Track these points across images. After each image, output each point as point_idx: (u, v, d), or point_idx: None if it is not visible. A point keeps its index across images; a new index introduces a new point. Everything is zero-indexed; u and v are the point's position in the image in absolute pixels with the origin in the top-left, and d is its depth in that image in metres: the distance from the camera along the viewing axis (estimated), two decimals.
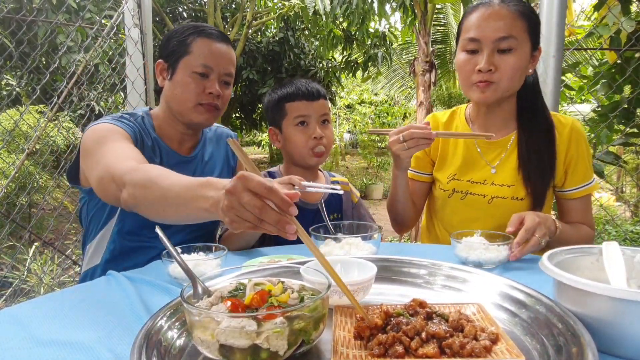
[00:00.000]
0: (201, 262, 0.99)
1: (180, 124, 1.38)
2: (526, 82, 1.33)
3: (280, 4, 6.52)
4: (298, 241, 1.49)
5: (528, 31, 1.25)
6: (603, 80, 2.42)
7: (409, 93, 12.18)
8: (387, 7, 5.13)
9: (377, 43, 7.44)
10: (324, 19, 5.45)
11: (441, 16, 9.09)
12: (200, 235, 1.41)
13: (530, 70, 1.32)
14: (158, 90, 1.41)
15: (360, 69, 7.98)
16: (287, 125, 1.47)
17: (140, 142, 1.31)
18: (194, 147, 1.48)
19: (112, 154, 1.12)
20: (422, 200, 1.57)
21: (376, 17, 5.47)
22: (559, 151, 1.34)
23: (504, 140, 1.39)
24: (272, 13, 6.69)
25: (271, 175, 1.55)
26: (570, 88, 2.63)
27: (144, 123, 1.36)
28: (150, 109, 1.45)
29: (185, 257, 1.00)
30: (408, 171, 1.50)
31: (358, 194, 1.63)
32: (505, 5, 1.25)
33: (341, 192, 1.23)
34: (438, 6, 7.90)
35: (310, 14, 5.43)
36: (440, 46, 9.62)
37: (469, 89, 1.31)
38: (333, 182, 1.60)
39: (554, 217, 1.20)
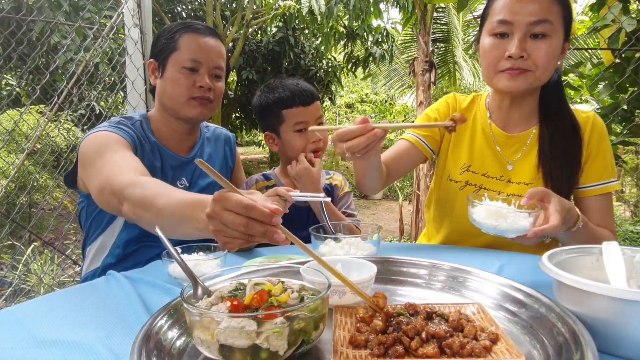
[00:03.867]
0: (201, 262, 0.99)
1: (176, 122, 1.39)
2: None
3: (276, 5, 6.51)
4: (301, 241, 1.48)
5: (563, 17, 1.15)
6: (603, 82, 2.42)
7: (407, 92, 12.17)
8: (382, 6, 5.14)
9: (380, 39, 7.41)
10: (319, 19, 5.44)
11: (443, 15, 9.06)
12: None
13: (559, 63, 1.21)
14: (152, 90, 1.42)
15: (361, 66, 7.97)
16: (286, 131, 1.47)
17: (140, 147, 1.31)
18: (192, 147, 1.48)
19: (112, 165, 1.12)
20: (407, 168, 1.44)
21: (380, 13, 5.44)
22: None
23: (523, 135, 1.30)
24: (268, 13, 6.69)
25: (266, 177, 1.56)
26: (574, 88, 2.62)
27: (142, 127, 1.36)
28: (147, 111, 1.45)
29: (185, 257, 1.00)
30: (411, 135, 1.39)
31: (347, 189, 1.62)
32: None
33: (328, 199, 1.22)
34: (442, 5, 7.89)
35: (304, 13, 5.42)
36: (441, 45, 9.60)
37: (495, 77, 1.20)
38: (328, 178, 1.61)
39: (577, 209, 1.09)
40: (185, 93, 1.32)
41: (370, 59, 7.59)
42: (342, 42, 7.52)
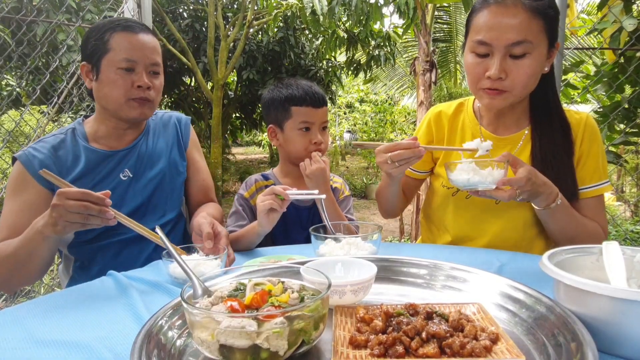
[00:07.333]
0: (201, 262, 0.99)
1: (116, 120, 1.37)
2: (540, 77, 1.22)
3: (277, 4, 6.50)
4: (298, 241, 1.49)
5: (545, 30, 1.13)
6: (604, 79, 2.41)
7: (408, 92, 12.16)
8: (385, 9, 5.12)
9: (381, 43, 7.41)
10: (321, 19, 5.42)
11: (444, 14, 9.03)
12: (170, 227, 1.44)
13: (546, 69, 1.21)
14: (90, 93, 1.38)
15: (363, 69, 7.96)
16: (291, 127, 1.48)
17: (57, 163, 1.31)
18: (134, 139, 1.44)
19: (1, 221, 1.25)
20: (413, 193, 1.55)
21: (381, 17, 5.39)
22: None
23: (514, 137, 1.31)
24: (270, 12, 6.67)
25: (265, 177, 1.58)
26: (574, 87, 2.62)
27: (73, 135, 1.37)
28: (87, 116, 1.44)
29: (185, 257, 1.00)
30: None
31: (347, 192, 1.63)
32: (519, 3, 1.11)
33: (322, 196, 1.22)
34: (445, 4, 7.86)
35: (307, 14, 5.40)
36: (443, 45, 9.58)
37: (477, 93, 1.22)
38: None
39: (557, 190, 1.12)
40: (123, 94, 1.29)
41: (373, 62, 7.58)
42: (343, 47, 7.50)
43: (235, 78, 10.11)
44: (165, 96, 9.72)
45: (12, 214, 1.24)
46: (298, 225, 1.50)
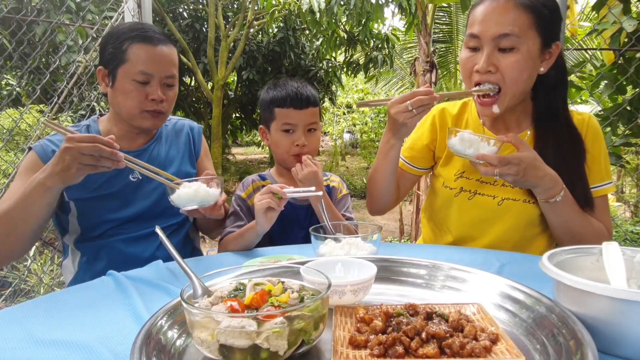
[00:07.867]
0: (203, 187, 1.14)
1: (129, 125, 1.39)
2: (544, 79, 1.23)
3: (275, 1, 6.49)
4: (296, 240, 1.49)
5: (535, 27, 1.14)
6: (605, 82, 2.41)
7: (407, 92, 12.12)
8: (387, 10, 5.12)
9: (380, 45, 7.43)
10: (318, 16, 5.39)
11: (443, 15, 9.01)
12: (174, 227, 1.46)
13: (542, 69, 1.20)
14: (105, 94, 1.40)
15: (362, 70, 7.98)
16: (275, 128, 1.49)
17: None
18: (146, 142, 1.47)
19: (5, 195, 1.26)
20: (407, 190, 1.54)
21: (382, 16, 5.37)
22: None
23: None
24: (268, 9, 6.67)
25: (262, 177, 1.58)
26: (577, 87, 2.61)
27: (87, 132, 1.38)
28: (101, 114, 1.47)
29: (186, 183, 1.16)
30: (401, 160, 1.46)
31: (345, 191, 1.63)
32: None
33: (319, 193, 1.23)
34: (444, 5, 7.85)
35: (304, 10, 5.38)
36: (442, 45, 9.57)
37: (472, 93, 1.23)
38: (325, 180, 1.60)
39: (563, 186, 1.14)
40: (137, 106, 1.31)
41: (371, 64, 7.61)
42: (342, 47, 7.52)
43: (235, 78, 10.12)
44: None
45: (18, 190, 1.23)
46: (296, 224, 1.50)
